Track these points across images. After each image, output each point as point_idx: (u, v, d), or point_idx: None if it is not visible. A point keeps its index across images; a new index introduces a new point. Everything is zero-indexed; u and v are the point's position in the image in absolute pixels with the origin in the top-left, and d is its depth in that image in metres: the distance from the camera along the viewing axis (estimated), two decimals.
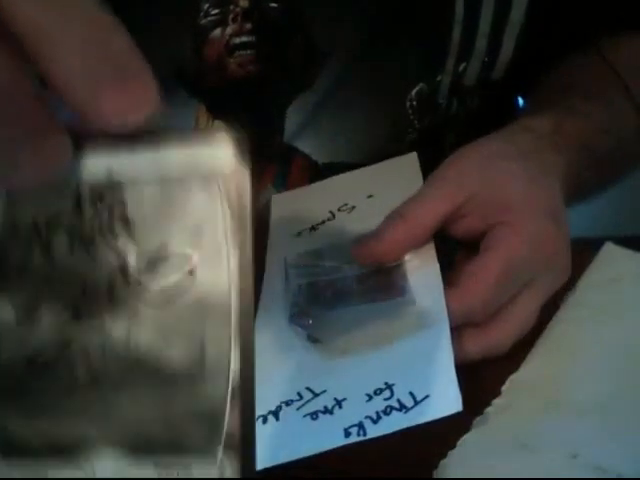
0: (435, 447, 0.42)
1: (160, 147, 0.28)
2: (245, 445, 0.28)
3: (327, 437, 0.41)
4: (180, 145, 0.29)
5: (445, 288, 0.45)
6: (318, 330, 0.46)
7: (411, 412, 0.40)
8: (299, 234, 0.52)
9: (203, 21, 0.60)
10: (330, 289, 0.47)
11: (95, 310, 0.28)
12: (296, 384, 0.44)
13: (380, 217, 0.48)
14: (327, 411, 0.42)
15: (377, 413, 0.41)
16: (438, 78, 0.65)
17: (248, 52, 0.60)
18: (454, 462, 0.42)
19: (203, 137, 0.29)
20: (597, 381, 0.45)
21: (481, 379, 0.45)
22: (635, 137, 0.60)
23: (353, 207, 0.53)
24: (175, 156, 0.29)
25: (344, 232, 0.50)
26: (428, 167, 0.52)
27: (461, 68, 0.65)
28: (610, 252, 0.52)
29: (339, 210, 0.53)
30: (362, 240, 0.47)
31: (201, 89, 0.63)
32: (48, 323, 0.28)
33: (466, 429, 0.43)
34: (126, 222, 0.29)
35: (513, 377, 0.46)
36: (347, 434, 0.40)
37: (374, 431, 0.40)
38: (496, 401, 0.45)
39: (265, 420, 0.43)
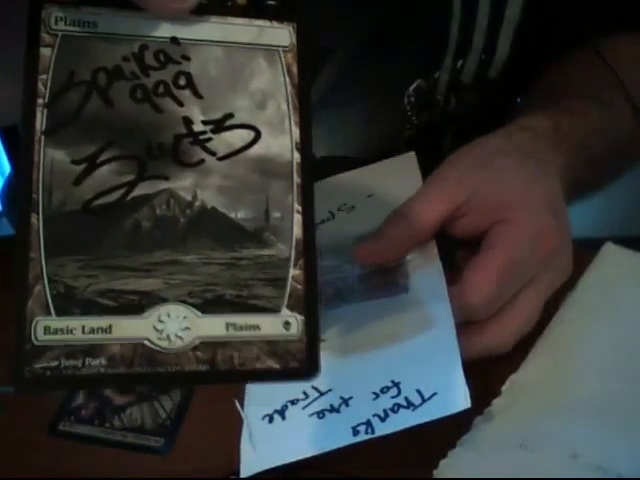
0: (435, 447, 0.42)
1: (226, 18, 0.30)
2: (309, 304, 0.30)
3: (335, 436, 0.40)
4: (245, 18, 0.31)
5: (447, 286, 0.45)
6: (321, 329, 0.46)
7: (419, 410, 0.40)
8: None
9: None
10: (332, 288, 0.47)
11: (160, 164, 0.29)
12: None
13: (380, 217, 0.48)
14: (334, 410, 0.42)
15: (385, 411, 0.40)
16: (436, 75, 0.65)
17: None
18: (454, 462, 0.42)
19: (268, 12, 0.31)
20: (597, 381, 0.45)
21: (481, 379, 0.45)
22: (633, 137, 0.60)
23: (353, 207, 0.52)
24: (240, 27, 0.30)
25: (344, 232, 0.50)
26: (427, 166, 0.52)
27: (459, 65, 0.64)
28: (610, 252, 0.52)
29: (339, 210, 0.52)
30: (363, 241, 0.47)
31: None
32: (110, 170, 0.28)
33: (466, 429, 0.43)
34: (190, 80, 0.29)
35: (513, 377, 0.46)
36: (355, 432, 0.40)
37: (382, 429, 0.40)
38: (496, 401, 0.45)
39: (271, 419, 0.43)
